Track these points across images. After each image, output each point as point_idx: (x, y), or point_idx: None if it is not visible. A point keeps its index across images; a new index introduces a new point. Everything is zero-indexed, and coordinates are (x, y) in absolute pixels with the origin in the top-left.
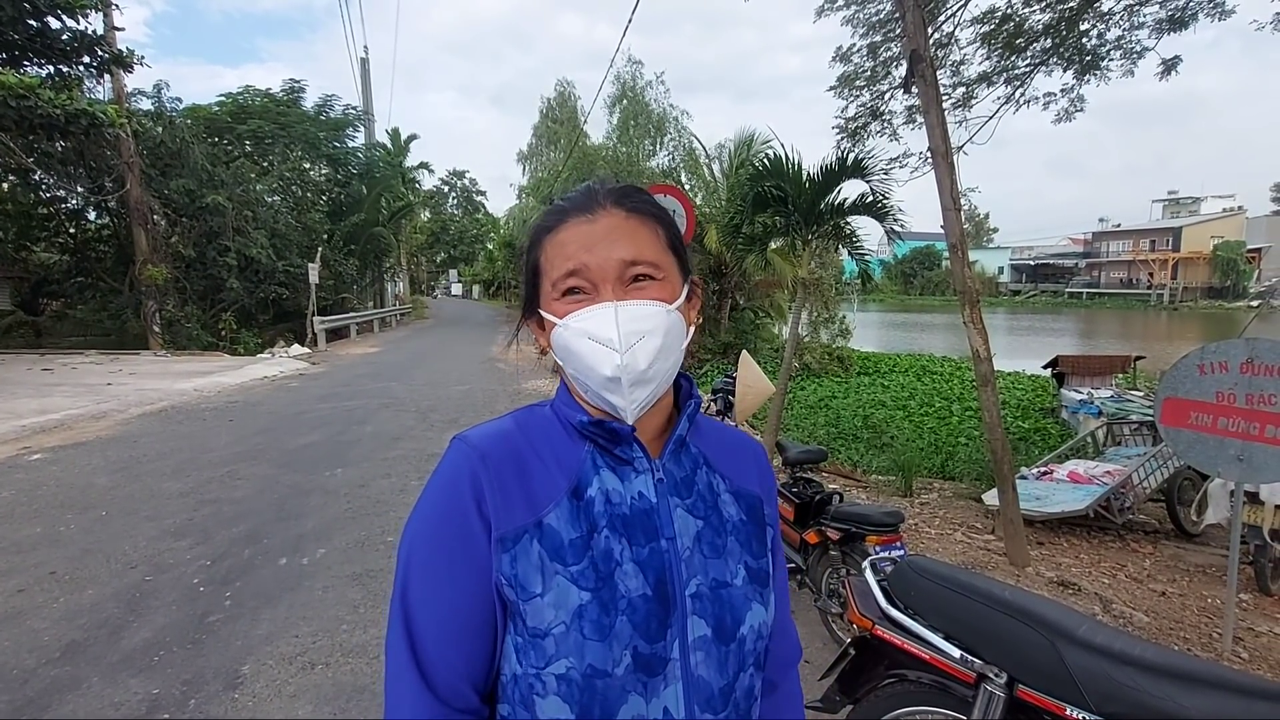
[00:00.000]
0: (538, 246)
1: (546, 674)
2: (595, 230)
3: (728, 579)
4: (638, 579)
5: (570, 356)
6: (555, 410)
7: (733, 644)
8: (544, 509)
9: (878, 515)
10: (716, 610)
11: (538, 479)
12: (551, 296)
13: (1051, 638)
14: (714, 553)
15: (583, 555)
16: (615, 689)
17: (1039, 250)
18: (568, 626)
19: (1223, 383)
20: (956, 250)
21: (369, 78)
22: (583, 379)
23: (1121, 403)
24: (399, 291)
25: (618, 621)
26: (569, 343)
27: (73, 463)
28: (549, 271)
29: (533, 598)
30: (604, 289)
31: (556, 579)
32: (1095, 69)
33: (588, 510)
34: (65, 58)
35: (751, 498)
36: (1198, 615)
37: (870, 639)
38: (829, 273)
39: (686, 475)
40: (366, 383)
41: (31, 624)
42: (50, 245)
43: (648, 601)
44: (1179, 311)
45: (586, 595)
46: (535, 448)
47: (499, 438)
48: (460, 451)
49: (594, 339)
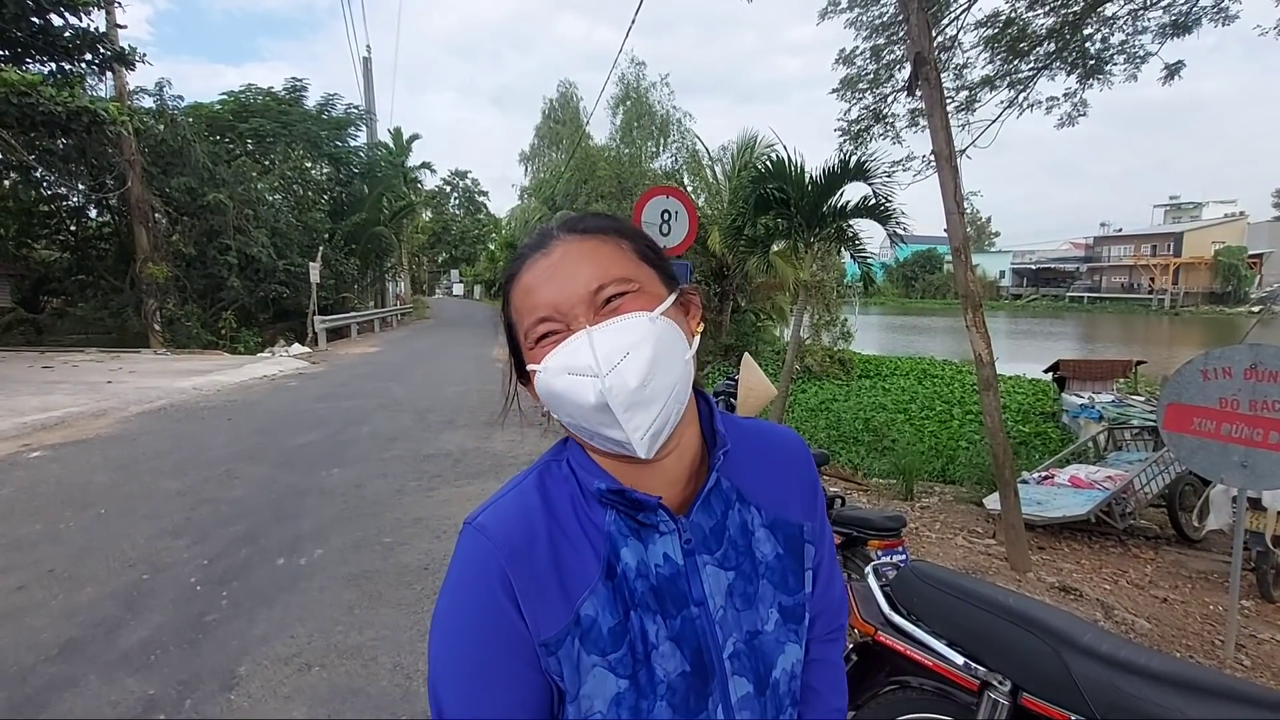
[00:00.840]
0: (509, 301)
1: None
2: (552, 262)
3: (759, 627)
4: (675, 658)
5: (557, 402)
6: (573, 470)
7: (768, 691)
8: (578, 597)
9: (879, 519)
10: (753, 664)
11: (568, 562)
12: (527, 346)
13: (1056, 645)
14: (746, 604)
15: (621, 641)
16: None
17: (1040, 254)
18: (604, 716)
19: (1226, 389)
20: (959, 254)
21: (371, 77)
22: (576, 422)
23: (1123, 407)
24: (400, 291)
25: (656, 706)
26: (550, 385)
27: (72, 460)
28: (520, 322)
29: (574, 697)
30: (577, 321)
31: (595, 671)
32: (1099, 73)
33: (620, 589)
34: (67, 55)
35: (790, 527)
36: (1200, 622)
37: (872, 645)
38: (830, 275)
39: (717, 523)
40: (365, 383)
41: (30, 621)
42: (51, 243)
43: (686, 678)
44: (1180, 316)
45: (624, 683)
46: (561, 523)
47: (523, 522)
48: (482, 548)
49: (572, 372)
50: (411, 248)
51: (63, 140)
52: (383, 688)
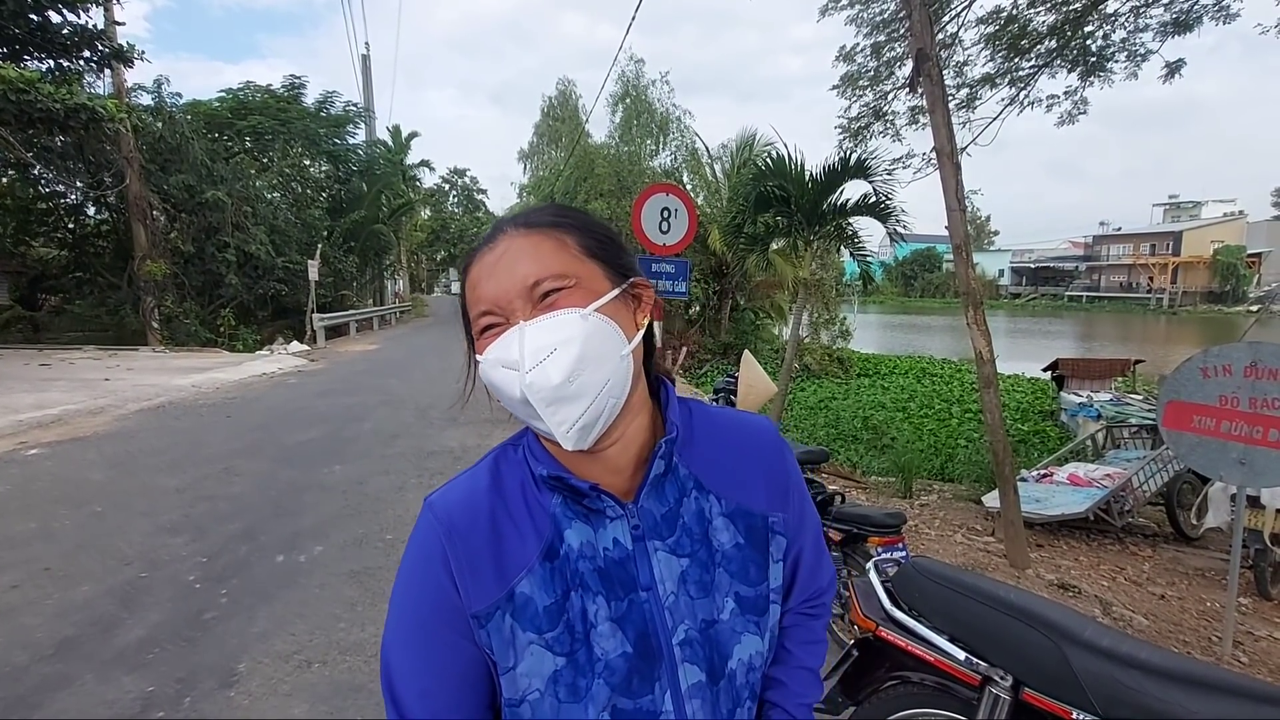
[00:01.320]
0: (463, 294)
1: None
2: (495, 258)
3: (715, 617)
4: (615, 638)
5: (496, 391)
6: (526, 455)
7: (723, 681)
8: (515, 577)
9: (879, 516)
10: (707, 653)
11: (509, 543)
12: (476, 337)
13: (1057, 640)
14: (701, 591)
15: (558, 620)
16: None
17: (1039, 253)
18: (541, 693)
19: (1226, 386)
20: (961, 252)
21: (370, 74)
22: (515, 411)
23: (1121, 406)
24: (398, 289)
25: (594, 685)
26: (490, 376)
27: (69, 458)
28: (470, 313)
29: (507, 671)
30: (514, 316)
31: (531, 648)
32: (1100, 71)
33: (562, 570)
34: (66, 52)
35: (751, 516)
36: (1197, 619)
37: (874, 640)
38: (830, 274)
39: (669, 510)
40: (365, 380)
41: (24, 620)
42: (49, 240)
43: (628, 660)
44: (1178, 316)
45: (561, 660)
46: (507, 503)
47: (467, 501)
48: (427, 524)
49: (505, 365)
50: (410, 245)
51: (61, 137)
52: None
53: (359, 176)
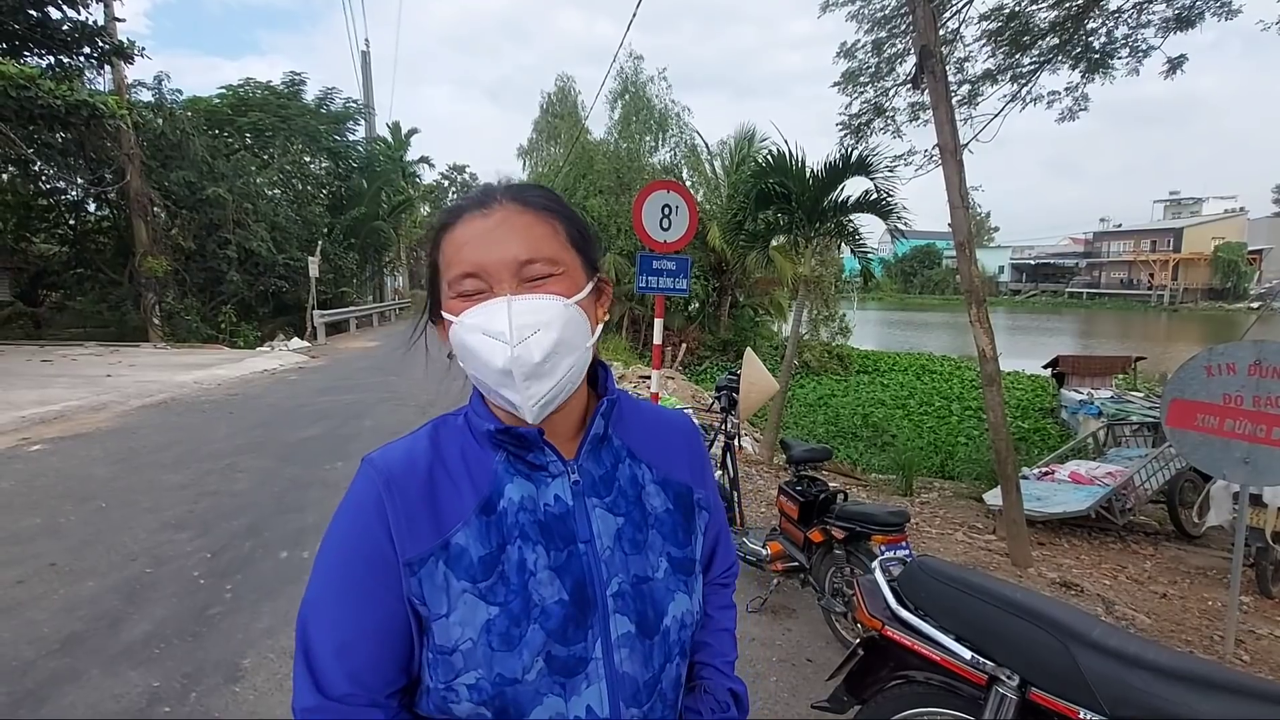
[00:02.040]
0: (436, 247)
1: (457, 684)
2: (489, 226)
3: (649, 573)
4: (553, 586)
5: (466, 354)
6: (468, 418)
7: (656, 636)
8: (450, 529)
9: (883, 515)
10: (639, 606)
11: (445, 497)
12: (449, 295)
13: (1065, 640)
14: (634, 549)
15: (492, 570)
16: (528, 693)
17: (1039, 250)
18: (475, 642)
19: (1230, 385)
20: (964, 249)
21: (370, 71)
22: (479, 376)
23: (1122, 404)
24: (398, 286)
25: (529, 630)
26: (464, 339)
27: (72, 454)
28: (445, 270)
29: (439, 618)
30: (500, 286)
31: (464, 597)
32: (1102, 67)
33: (499, 524)
34: (66, 48)
35: (679, 486)
36: (1199, 617)
37: (879, 639)
38: (829, 271)
39: (606, 472)
40: (366, 376)
41: (31, 615)
42: (50, 236)
43: (564, 606)
44: (1179, 313)
45: (495, 610)
46: (445, 463)
47: (406, 458)
48: (366, 475)
49: (487, 333)
50: (409, 242)
51: (61, 134)
52: None
53: (359, 173)
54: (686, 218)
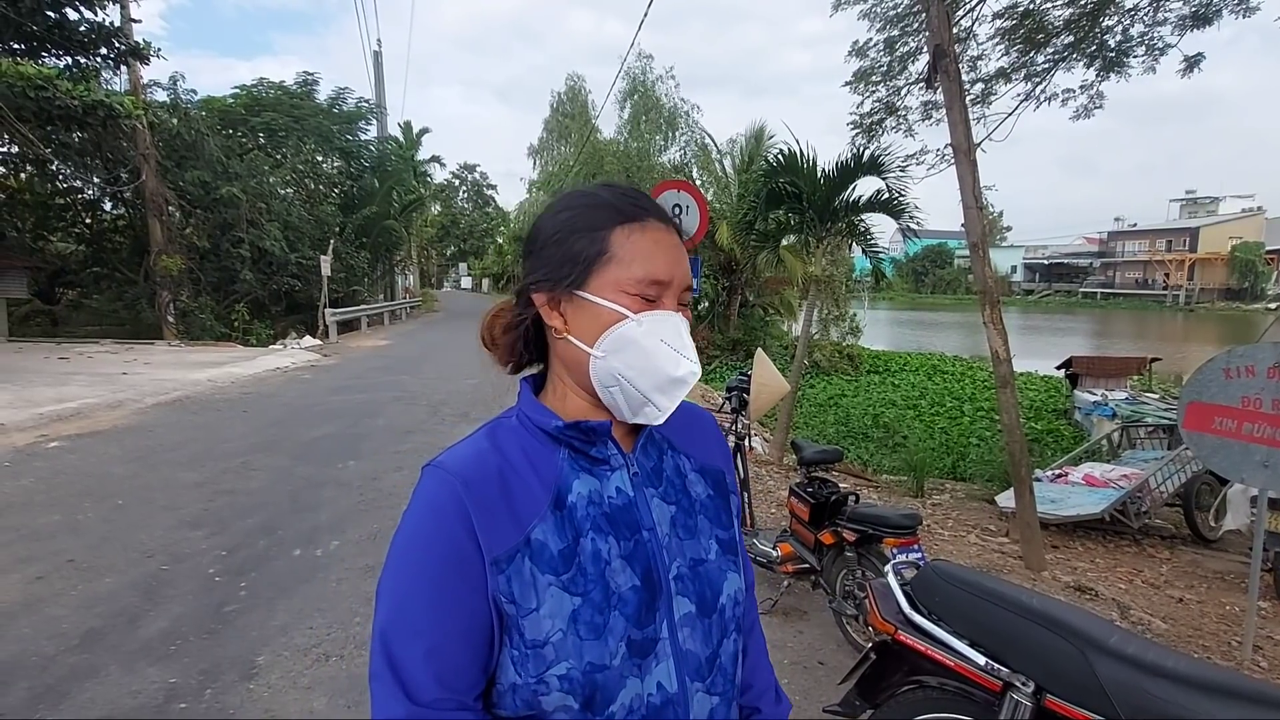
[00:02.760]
0: (609, 231)
1: (549, 676)
2: (674, 243)
3: (703, 555)
4: (625, 573)
5: (632, 352)
6: (522, 419)
7: (714, 615)
8: (529, 524)
9: (895, 517)
10: (698, 587)
11: (519, 495)
12: (624, 289)
13: (1082, 647)
14: (688, 534)
15: (571, 563)
16: (614, 677)
17: (1053, 249)
18: (564, 633)
19: (1249, 388)
20: (977, 249)
21: (382, 71)
22: (633, 376)
23: (1136, 405)
24: (409, 284)
25: (611, 617)
26: (638, 339)
27: (90, 451)
28: (627, 264)
29: (530, 613)
30: (668, 301)
31: (550, 590)
32: (1118, 66)
33: (571, 517)
34: (83, 49)
35: (715, 472)
36: (1216, 623)
37: (892, 644)
38: (840, 270)
39: (655, 464)
40: (378, 375)
41: (51, 611)
42: (67, 235)
43: (637, 592)
44: (1195, 313)
45: (579, 600)
46: (511, 463)
47: (476, 460)
48: (440, 479)
49: (667, 343)
50: (420, 241)
51: (79, 134)
52: None
53: (371, 172)
54: (697, 217)
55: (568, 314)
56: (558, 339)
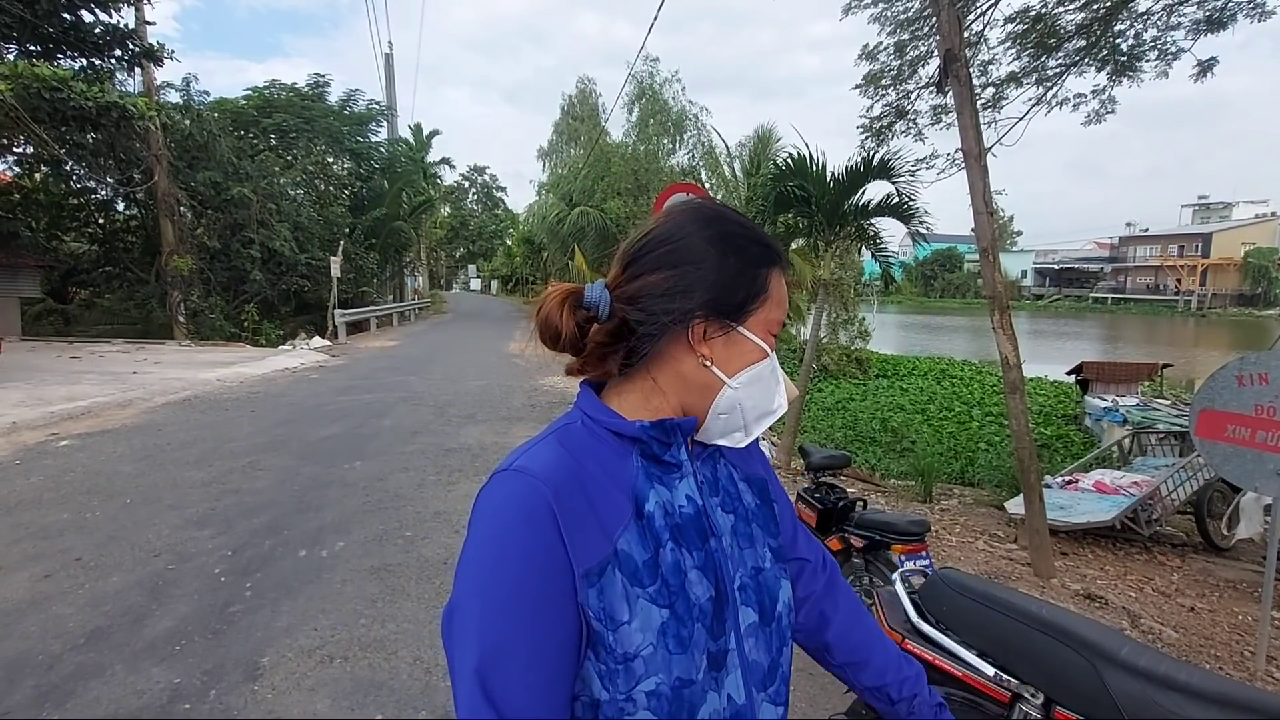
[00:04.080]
0: (769, 272)
1: (637, 692)
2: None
3: (761, 564)
4: (702, 584)
5: (759, 387)
6: (589, 425)
7: (774, 623)
8: (615, 533)
9: (903, 524)
10: (759, 596)
11: (602, 504)
12: (770, 328)
13: (1092, 659)
14: (747, 543)
15: (655, 574)
16: (699, 692)
17: (1063, 254)
18: (655, 646)
19: (1262, 395)
20: (987, 255)
21: (393, 73)
22: (751, 407)
23: (1148, 411)
24: (418, 286)
25: (694, 630)
26: (765, 376)
27: (99, 450)
28: (774, 306)
29: (621, 625)
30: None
31: (640, 602)
32: (1130, 70)
33: (651, 526)
34: (97, 51)
35: (759, 480)
36: (1228, 632)
37: None
38: (849, 274)
39: (712, 473)
40: (385, 376)
41: (58, 610)
42: (80, 235)
43: (713, 603)
44: (1207, 319)
45: (665, 612)
46: (589, 470)
47: (559, 465)
48: (528, 485)
49: (779, 380)
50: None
51: (92, 135)
52: (404, 682)
53: (381, 174)
54: None
55: (713, 343)
56: (692, 362)
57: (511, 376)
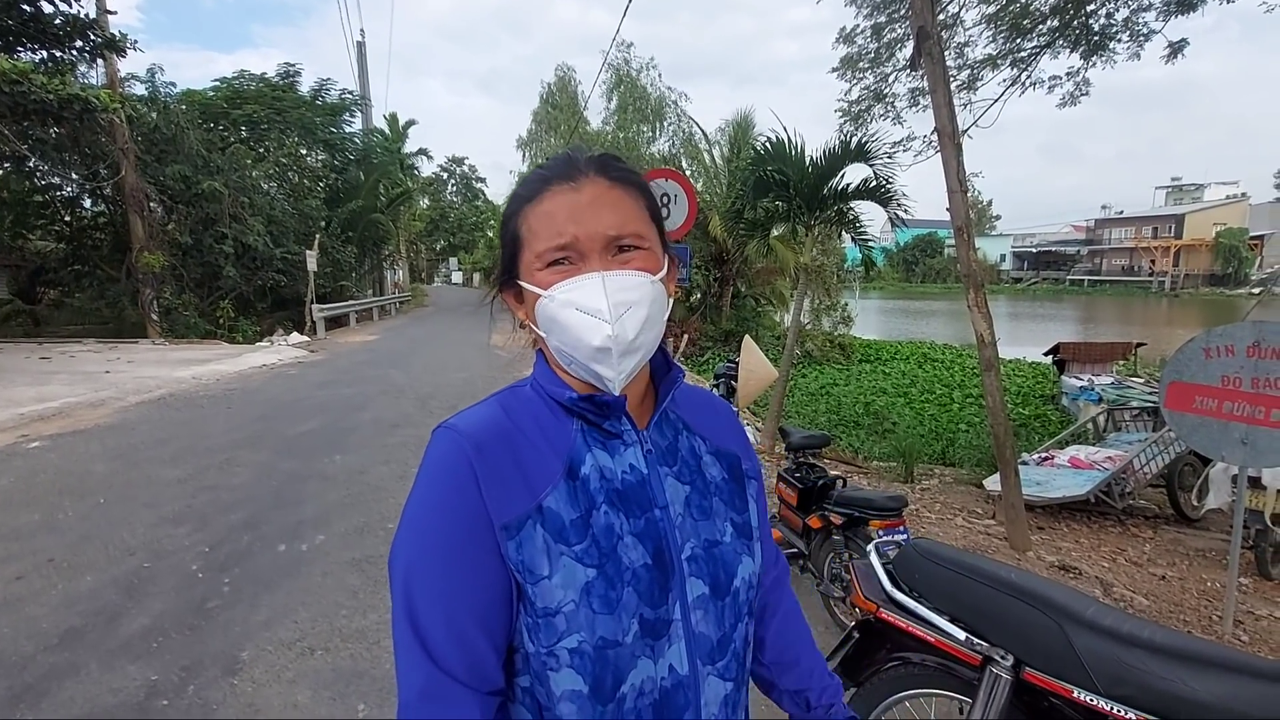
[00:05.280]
0: (517, 216)
1: (559, 648)
2: (580, 199)
3: (718, 538)
4: (638, 550)
5: (556, 328)
6: (536, 389)
7: (728, 598)
8: (542, 492)
9: (881, 500)
10: (711, 569)
11: (532, 462)
12: (535, 267)
13: (1059, 620)
14: (703, 515)
15: (584, 534)
16: (625, 656)
17: (1041, 237)
18: (577, 604)
19: (1229, 366)
20: (962, 233)
21: (365, 62)
22: (568, 351)
23: (1122, 389)
24: (398, 279)
25: (624, 593)
26: (555, 314)
27: (71, 450)
28: (531, 242)
29: (540, 580)
30: (590, 260)
31: (562, 559)
32: (1102, 50)
33: (584, 488)
34: (58, 42)
35: (731, 456)
36: (1197, 599)
37: (874, 622)
38: (831, 260)
39: (670, 443)
40: (365, 370)
41: (30, 611)
42: (46, 233)
43: (649, 570)
44: (1180, 299)
45: (592, 572)
46: (524, 430)
47: (488, 424)
48: (452, 441)
49: (582, 310)
50: (409, 235)
51: (55, 129)
52: (386, 670)
53: (356, 165)
54: (685, 206)
55: (526, 305)
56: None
57: (494, 368)
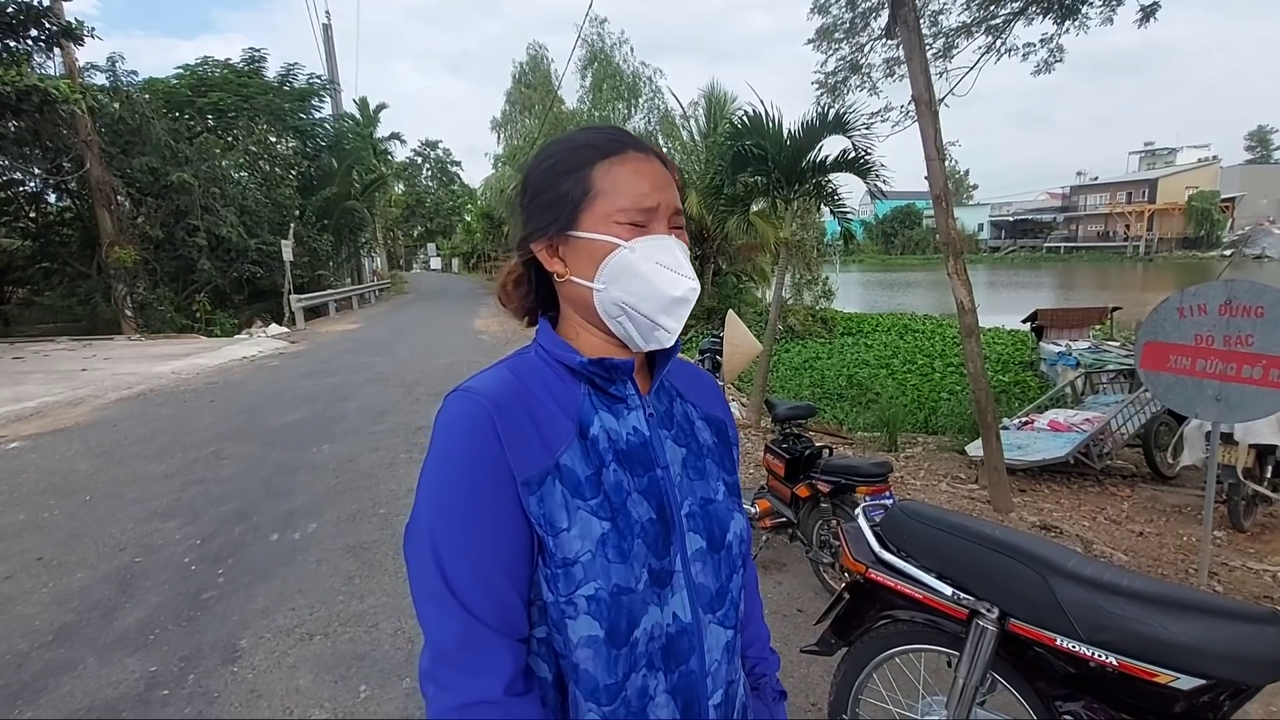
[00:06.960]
0: (590, 168)
1: (577, 596)
2: (655, 170)
3: (712, 496)
4: (643, 505)
5: (630, 279)
6: (542, 355)
7: (723, 551)
8: (558, 450)
9: (867, 466)
10: (707, 525)
11: (546, 422)
12: (613, 219)
13: (1042, 572)
14: (698, 475)
15: (597, 490)
16: (638, 602)
17: (1018, 206)
18: (594, 554)
19: (1201, 325)
20: (940, 201)
21: (333, 45)
22: (636, 302)
23: (1099, 353)
24: (377, 267)
25: (635, 544)
26: (634, 266)
27: (52, 449)
28: (612, 196)
29: (560, 532)
30: (658, 226)
31: (579, 513)
32: (1075, 15)
33: (594, 448)
34: (11, 31)
35: (718, 421)
36: (1174, 553)
37: (863, 583)
38: (810, 234)
39: (667, 409)
40: (349, 359)
41: (21, 610)
42: (11, 231)
43: (654, 524)
44: (1154, 263)
45: (606, 524)
46: (535, 393)
47: (504, 385)
48: (472, 401)
49: (664, 265)
50: (385, 222)
51: (14, 123)
52: (386, 652)
53: (328, 152)
54: None
55: (566, 257)
56: (561, 282)
57: (479, 352)
